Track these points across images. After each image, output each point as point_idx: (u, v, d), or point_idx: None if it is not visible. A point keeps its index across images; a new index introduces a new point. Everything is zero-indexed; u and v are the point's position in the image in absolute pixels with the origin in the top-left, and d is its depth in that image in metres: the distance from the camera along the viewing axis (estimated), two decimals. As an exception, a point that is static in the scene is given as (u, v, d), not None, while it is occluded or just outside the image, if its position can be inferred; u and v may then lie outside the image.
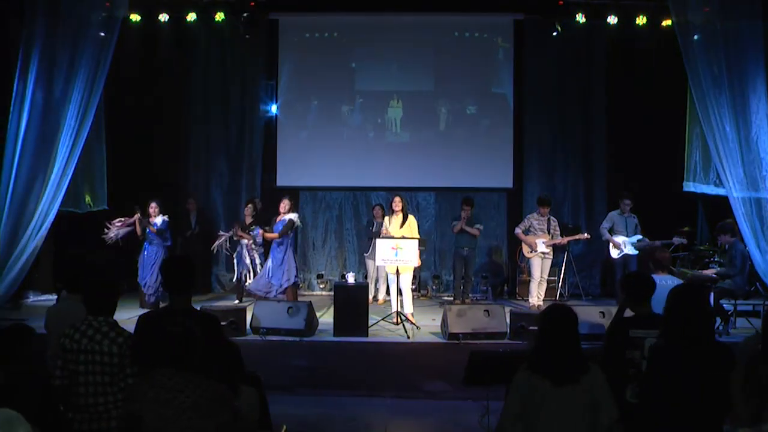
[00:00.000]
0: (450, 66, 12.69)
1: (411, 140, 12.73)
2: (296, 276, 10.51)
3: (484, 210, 12.43)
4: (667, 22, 11.03)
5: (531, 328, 8.20)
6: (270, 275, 10.14)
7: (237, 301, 10.81)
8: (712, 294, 8.31)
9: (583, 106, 12.63)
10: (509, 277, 12.61)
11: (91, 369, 3.97)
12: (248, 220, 11.05)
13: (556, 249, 10.98)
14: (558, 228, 10.74)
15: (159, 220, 10.34)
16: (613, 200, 11.43)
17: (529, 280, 10.78)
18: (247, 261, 10.76)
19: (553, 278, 11.43)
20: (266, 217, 11.00)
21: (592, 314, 8.36)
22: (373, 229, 11.44)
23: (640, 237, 10.50)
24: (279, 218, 10.25)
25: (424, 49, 12.73)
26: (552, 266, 10.97)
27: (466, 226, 10.66)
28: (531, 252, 10.57)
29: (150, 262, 10.34)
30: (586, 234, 10.99)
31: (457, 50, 12.70)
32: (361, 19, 12.70)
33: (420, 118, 12.71)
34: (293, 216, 10.30)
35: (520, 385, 3.57)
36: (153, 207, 10.41)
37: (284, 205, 10.25)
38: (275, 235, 10.20)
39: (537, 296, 10.53)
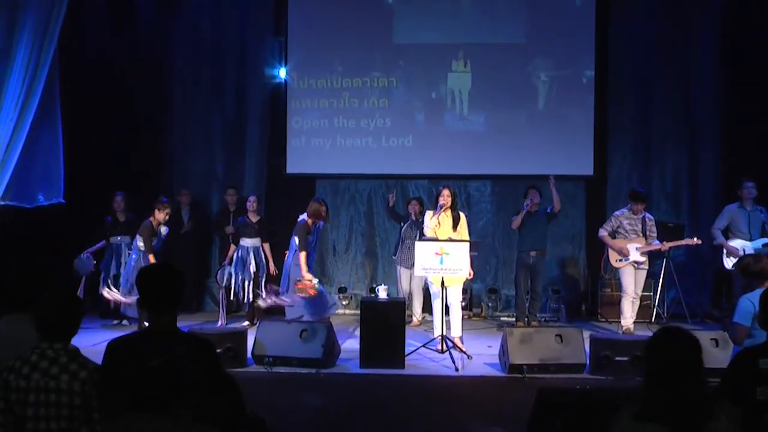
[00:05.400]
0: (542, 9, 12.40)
1: (487, 123, 12.44)
2: None
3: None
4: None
5: (618, 358, 8.11)
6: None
7: (247, 323, 10.71)
8: None
9: (686, 67, 12.43)
10: (589, 293, 12.53)
11: (45, 413, 3.90)
12: (254, 218, 11.02)
13: (653, 256, 10.81)
14: (655, 229, 10.53)
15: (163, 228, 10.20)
16: (728, 190, 11.26)
17: (617, 297, 10.69)
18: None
19: (647, 293, 11.29)
20: (273, 214, 10.98)
21: (701, 341, 8.21)
22: (402, 228, 11.47)
23: (767, 240, 10.27)
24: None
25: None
26: (646, 278, 10.78)
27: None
28: (621, 260, 10.41)
29: None
30: (695, 239, 10.70)
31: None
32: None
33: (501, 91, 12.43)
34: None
35: None
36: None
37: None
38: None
39: (630, 317, 10.37)
